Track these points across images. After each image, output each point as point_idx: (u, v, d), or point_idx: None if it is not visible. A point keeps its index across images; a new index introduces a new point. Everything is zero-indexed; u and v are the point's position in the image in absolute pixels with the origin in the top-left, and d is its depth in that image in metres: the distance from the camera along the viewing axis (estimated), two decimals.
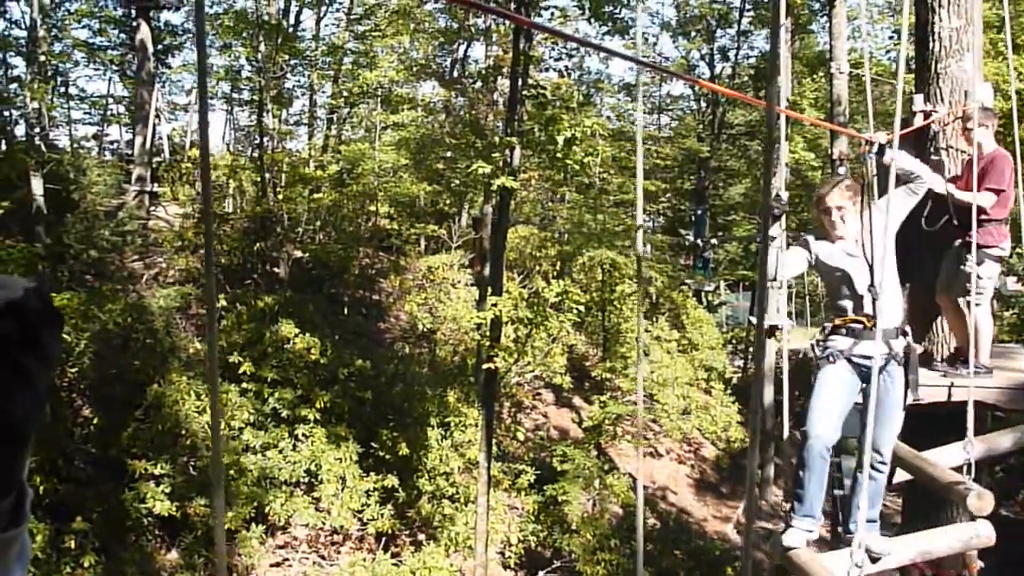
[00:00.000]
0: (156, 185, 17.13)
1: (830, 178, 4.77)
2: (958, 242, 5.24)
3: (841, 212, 4.32)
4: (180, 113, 25.01)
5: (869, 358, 4.20)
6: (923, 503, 6.03)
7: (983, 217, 5.14)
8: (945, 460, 5.01)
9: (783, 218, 4.68)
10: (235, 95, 19.06)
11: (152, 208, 16.20)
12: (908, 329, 4.34)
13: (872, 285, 4.22)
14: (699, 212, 27.74)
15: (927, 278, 5.61)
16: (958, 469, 4.73)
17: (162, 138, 20.33)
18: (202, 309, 12.40)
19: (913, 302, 6.15)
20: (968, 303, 5.42)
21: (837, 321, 4.38)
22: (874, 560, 4.27)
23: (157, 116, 18.42)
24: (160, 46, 20.78)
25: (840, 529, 4.67)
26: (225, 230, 13.66)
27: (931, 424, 5.24)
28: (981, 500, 4.50)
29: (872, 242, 4.23)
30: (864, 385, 4.28)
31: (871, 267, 4.24)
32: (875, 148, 4.24)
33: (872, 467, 4.33)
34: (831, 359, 4.32)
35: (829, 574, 4.16)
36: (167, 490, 9.67)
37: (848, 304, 4.34)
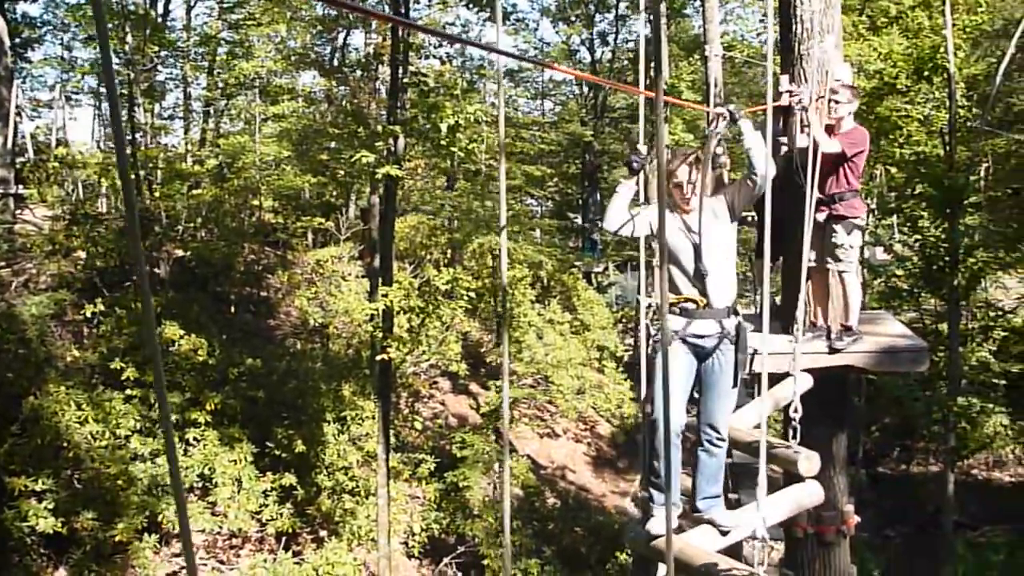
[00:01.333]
0: (21, 187, 16.18)
1: (679, 150, 4.84)
2: (823, 214, 5.58)
3: (691, 185, 4.32)
4: (44, 110, 23.67)
5: (703, 337, 4.31)
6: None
7: (844, 189, 5.57)
8: (747, 421, 5.28)
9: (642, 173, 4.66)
10: (103, 89, 18.17)
11: (18, 211, 15.30)
12: (739, 308, 4.42)
13: (701, 263, 4.28)
14: (586, 195, 28.23)
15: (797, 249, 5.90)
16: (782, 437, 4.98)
17: (25, 137, 19.20)
18: (78, 315, 11.82)
19: (788, 274, 6.46)
20: (838, 272, 5.77)
21: (671, 299, 4.36)
22: (724, 534, 4.39)
23: (18, 114, 17.38)
24: (17, 40, 19.58)
25: (688, 508, 4.69)
26: (99, 231, 13.03)
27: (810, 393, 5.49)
28: (810, 461, 4.76)
29: (701, 224, 4.30)
30: (699, 364, 4.38)
31: (699, 247, 4.30)
32: (723, 123, 4.34)
33: (711, 444, 4.42)
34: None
35: (702, 553, 4.26)
36: (51, 506, 9.22)
37: (680, 282, 4.35)
